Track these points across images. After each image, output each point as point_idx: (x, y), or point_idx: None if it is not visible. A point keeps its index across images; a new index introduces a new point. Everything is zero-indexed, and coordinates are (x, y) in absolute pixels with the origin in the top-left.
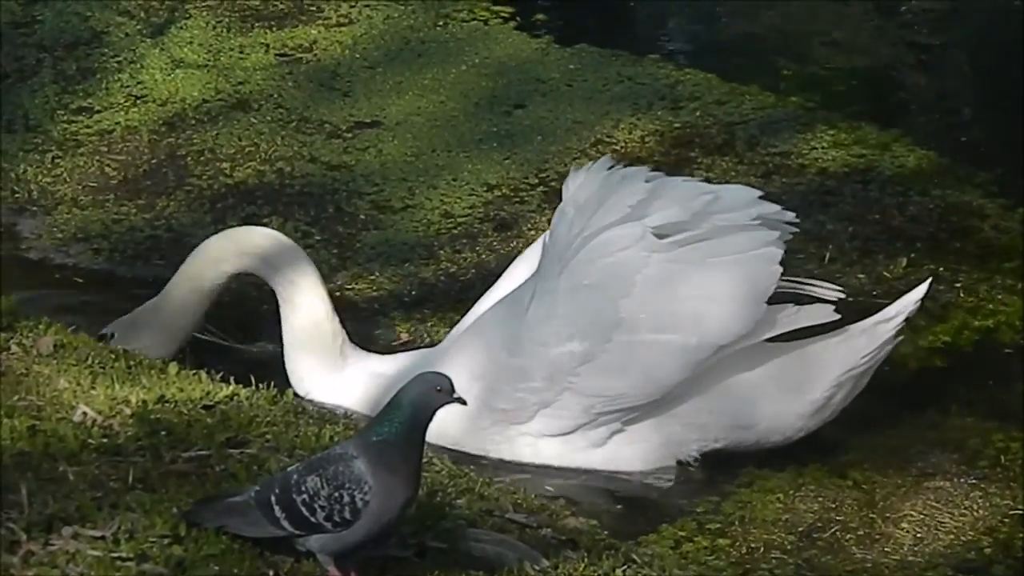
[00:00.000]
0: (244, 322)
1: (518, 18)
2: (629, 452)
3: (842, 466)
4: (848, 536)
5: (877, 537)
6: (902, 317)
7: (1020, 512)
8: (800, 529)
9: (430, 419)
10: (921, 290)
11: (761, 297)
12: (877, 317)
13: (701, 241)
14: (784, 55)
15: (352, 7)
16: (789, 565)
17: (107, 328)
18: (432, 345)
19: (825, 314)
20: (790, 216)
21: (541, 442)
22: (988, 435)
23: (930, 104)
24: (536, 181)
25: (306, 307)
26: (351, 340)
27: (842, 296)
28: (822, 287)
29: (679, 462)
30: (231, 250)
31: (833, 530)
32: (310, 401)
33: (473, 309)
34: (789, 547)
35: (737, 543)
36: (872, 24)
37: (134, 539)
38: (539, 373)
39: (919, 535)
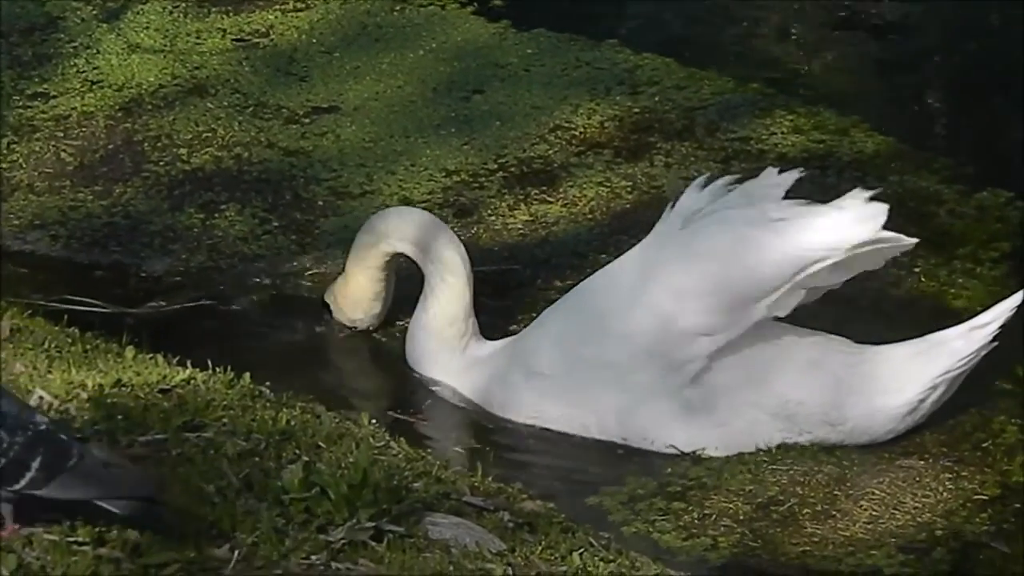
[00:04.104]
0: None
1: (476, 3)
2: (713, 435)
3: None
4: (805, 510)
5: (834, 513)
6: (997, 323)
7: (984, 497)
8: (759, 500)
9: None
10: (1017, 298)
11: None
12: (972, 323)
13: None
14: (743, 41)
15: None
16: (735, 534)
17: (328, 296)
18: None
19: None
20: (885, 207)
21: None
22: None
23: (888, 90)
24: (495, 166)
25: (447, 301)
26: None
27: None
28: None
29: (758, 448)
30: (389, 233)
31: (791, 503)
32: (431, 380)
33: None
34: (742, 517)
35: (691, 508)
36: (831, 9)
37: (90, 523)
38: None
39: (875, 513)
